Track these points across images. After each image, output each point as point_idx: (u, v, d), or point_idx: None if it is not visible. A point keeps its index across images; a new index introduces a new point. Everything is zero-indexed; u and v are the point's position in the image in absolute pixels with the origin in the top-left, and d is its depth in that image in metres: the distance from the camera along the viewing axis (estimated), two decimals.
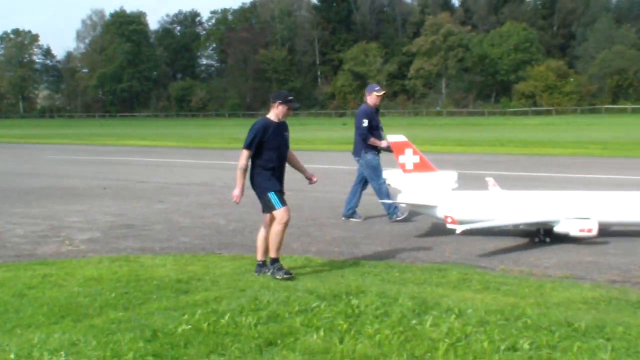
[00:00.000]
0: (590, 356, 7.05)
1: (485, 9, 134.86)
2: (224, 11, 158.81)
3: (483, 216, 13.83)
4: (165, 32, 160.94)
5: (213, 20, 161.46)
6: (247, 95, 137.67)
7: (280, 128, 10.57)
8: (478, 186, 16.78)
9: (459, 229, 13.06)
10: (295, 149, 11.75)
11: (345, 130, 64.86)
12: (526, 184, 16.55)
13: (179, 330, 7.93)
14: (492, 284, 10.31)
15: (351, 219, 16.65)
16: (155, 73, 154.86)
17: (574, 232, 13.13)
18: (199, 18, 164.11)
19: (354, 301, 8.94)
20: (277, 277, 10.40)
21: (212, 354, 7.27)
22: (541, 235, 13.68)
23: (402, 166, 15.06)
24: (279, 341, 7.64)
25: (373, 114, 16.49)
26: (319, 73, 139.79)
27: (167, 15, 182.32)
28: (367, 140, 16.28)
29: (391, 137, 15.37)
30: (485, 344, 7.38)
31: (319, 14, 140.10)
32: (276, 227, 10.56)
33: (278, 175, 10.66)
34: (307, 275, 11.05)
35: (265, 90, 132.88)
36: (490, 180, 16.16)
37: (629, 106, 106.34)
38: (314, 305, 8.84)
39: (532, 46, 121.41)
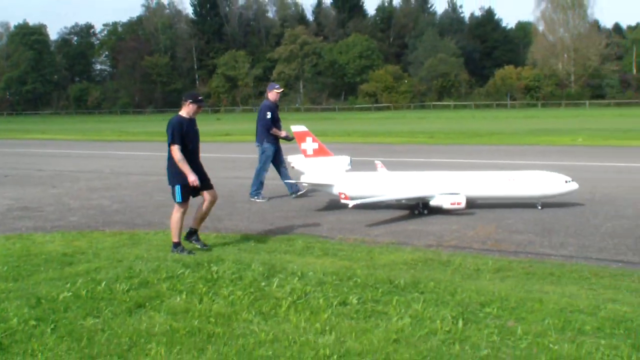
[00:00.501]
0: (406, 307, 7.16)
1: (334, 23, 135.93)
2: (115, 24, 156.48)
3: (372, 193, 13.98)
4: (64, 41, 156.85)
5: (105, 32, 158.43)
6: (135, 96, 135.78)
7: (192, 124, 10.30)
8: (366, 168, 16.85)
9: (351, 203, 13.19)
10: None
11: (220, 124, 64.18)
12: (369, 167, 16.70)
13: (61, 297, 7.71)
14: (330, 251, 10.39)
15: (299, 193, 16.64)
16: (55, 77, 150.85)
17: (446, 205, 13.40)
18: (93, 29, 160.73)
19: (214, 268, 8.86)
20: (183, 254, 10.05)
21: (88, 317, 7.11)
22: (420, 208, 13.89)
23: (304, 152, 15.25)
24: (147, 304, 7.55)
25: (274, 109, 16.50)
26: (196, 76, 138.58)
27: (65, 27, 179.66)
28: (270, 130, 16.29)
29: (294, 127, 15.55)
30: (321, 301, 7.42)
31: (195, 26, 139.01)
32: (175, 215, 10.34)
33: (192, 166, 10.23)
34: None
35: (151, 91, 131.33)
36: (378, 163, 16.38)
37: (451, 103, 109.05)
38: (179, 272, 8.72)
39: (373, 54, 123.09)
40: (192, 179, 10.01)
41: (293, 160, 15.66)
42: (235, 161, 26.77)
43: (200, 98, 10.53)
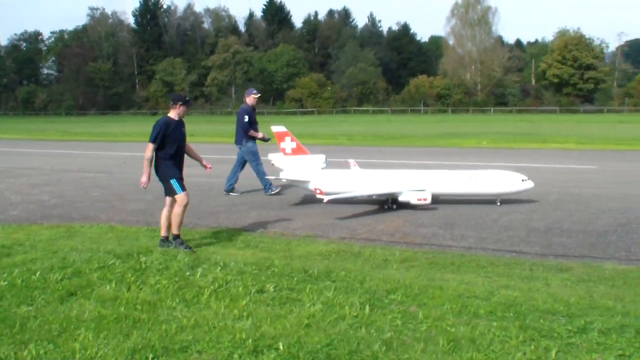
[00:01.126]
0: (319, 294, 7.16)
1: (264, 34, 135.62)
2: (62, 31, 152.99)
3: (345, 189, 13.99)
4: (14, 47, 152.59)
5: (53, 39, 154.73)
6: (79, 98, 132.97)
7: (179, 125, 9.91)
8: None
9: (326, 198, 13.18)
10: (117, 141, 11.32)
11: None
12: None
13: None
14: (252, 243, 10.33)
15: (231, 194, 16.32)
16: (5, 80, 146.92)
17: (413, 201, 13.46)
18: (41, 36, 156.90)
19: (143, 258, 8.74)
20: (181, 249, 9.63)
21: (22, 304, 6.97)
22: (389, 204, 13.92)
23: (283, 150, 15.34)
24: (78, 292, 7.40)
25: (251, 112, 16.33)
26: (137, 81, 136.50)
27: (15, 34, 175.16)
28: (247, 132, 16.16)
29: (274, 128, 15.67)
30: (241, 289, 7.37)
31: (136, 35, 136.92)
32: (177, 209, 9.83)
33: (178, 164, 9.93)
34: (109, 239, 10.66)
35: (94, 95, 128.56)
36: (351, 162, 16.40)
37: (370, 108, 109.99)
38: (110, 262, 8.57)
39: (299, 63, 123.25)
40: (144, 179, 9.69)
41: (273, 158, 15.78)
42: None
43: (188, 99, 10.16)
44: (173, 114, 9.92)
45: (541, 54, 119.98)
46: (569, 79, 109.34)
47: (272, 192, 16.28)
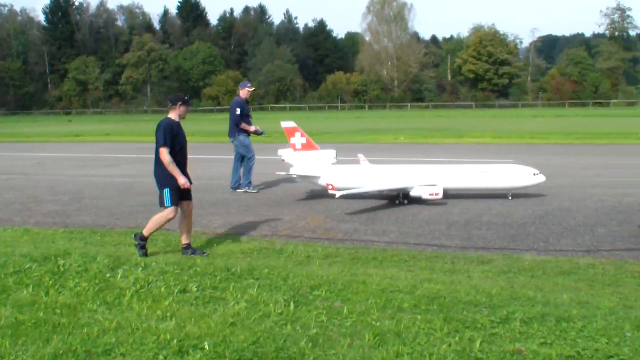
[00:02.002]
0: (242, 292, 7.12)
1: (179, 31, 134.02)
2: None
3: (356, 184, 14.00)
4: None
5: None
6: None
7: (180, 126, 9.44)
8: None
9: (338, 194, 13.15)
10: (29, 141, 10.95)
11: (70, 126, 61.82)
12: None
13: None
14: (172, 242, 10.16)
15: (238, 190, 16.15)
16: None
17: (425, 195, 13.46)
18: None
19: (61, 261, 8.48)
20: (138, 252, 9.18)
21: None
22: (401, 199, 13.90)
23: (293, 146, 15.17)
24: None
25: (244, 105, 16.22)
26: (48, 80, 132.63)
27: None
28: (239, 125, 15.95)
29: (284, 123, 15.53)
30: (163, 289, 7.27)
31: (47, 32, 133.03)
32: (159, 217, 9.24)
33: (181, 168, 9.22)
34: (25, 242, 10.33)
35: (4, 94, 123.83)
36: (361, 157, 16.28)
37: (287, 105, 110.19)
38: (26, 266, 8.29)
39: (215, 60, 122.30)
40: (183, 181, 9.12)
41: (283, 153, 15.64)
42: (84, 160, 25.75)
43: (187, 98, 9.76)
44: (173, 115, 9.52)
45: (457, 50, 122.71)
46: (484, 75, 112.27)
47: (249, 190, 16.10)
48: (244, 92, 16.52)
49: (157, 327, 6.07)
